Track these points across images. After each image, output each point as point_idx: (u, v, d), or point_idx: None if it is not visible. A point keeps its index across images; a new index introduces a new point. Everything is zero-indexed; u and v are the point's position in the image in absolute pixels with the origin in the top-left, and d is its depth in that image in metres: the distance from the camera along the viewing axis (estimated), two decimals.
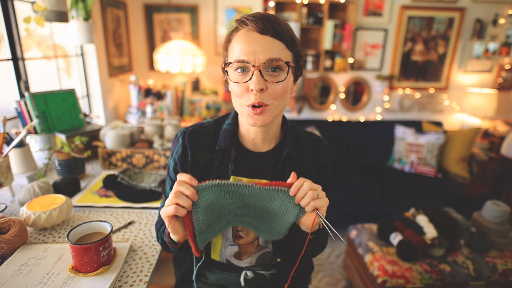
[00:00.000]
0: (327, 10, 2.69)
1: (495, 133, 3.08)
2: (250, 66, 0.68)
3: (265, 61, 0.67)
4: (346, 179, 2.67)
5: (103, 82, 2.24)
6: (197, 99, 2.78)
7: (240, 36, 0.69)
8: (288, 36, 0.69)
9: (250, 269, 0.88)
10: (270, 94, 0.70)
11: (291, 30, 0.72)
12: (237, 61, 0.69)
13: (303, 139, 0.86)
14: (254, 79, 0.67)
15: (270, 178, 0.80)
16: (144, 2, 2.73)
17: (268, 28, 0.67)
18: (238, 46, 0.69)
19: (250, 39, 0.68)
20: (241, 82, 0.70)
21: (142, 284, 0.79)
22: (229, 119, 0.85)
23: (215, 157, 0.81)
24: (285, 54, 0.69)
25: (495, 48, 3.04)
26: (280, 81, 0.70)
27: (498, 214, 1.75)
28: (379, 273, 1.63)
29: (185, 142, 0.82)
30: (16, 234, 0.87)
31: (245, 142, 0.82)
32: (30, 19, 1.44)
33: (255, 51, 0.67)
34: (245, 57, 0.67)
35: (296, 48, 0.72)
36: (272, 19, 0.68)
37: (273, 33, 0.67)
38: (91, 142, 1.58)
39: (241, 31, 0.70)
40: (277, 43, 0.68)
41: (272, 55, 0.67)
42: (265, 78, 0.68)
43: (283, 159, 0.80)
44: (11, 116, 1.56)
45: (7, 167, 1.10)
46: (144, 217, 1.11)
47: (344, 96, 3.12)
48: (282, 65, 0.69)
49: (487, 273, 1.66)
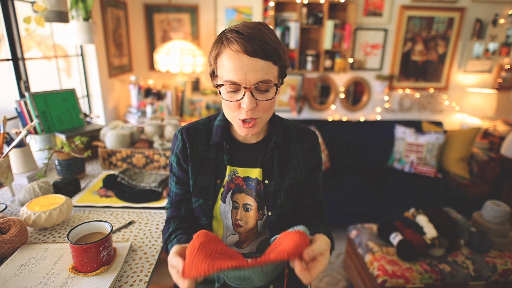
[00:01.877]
0: (327, 10, 2.69)
1: (495, 133, 3.08)
2: (242, 87, 0.72)
3: (255, 82, 0.71)
4: (346, 179, 2.67)
5: (103, 82, 2.24)
6: (197, 99, 2.78)
7: (230, 57, 0.71)
8: (275, 54, 0.72)
9: (252, 256, 0.89)
10: (260, 109, 0.75)
11: (276, 42, 0.74)
12: (229, 82, 0.72)
13: (289, 129, 0.92)
14: (246, 100, 0.72)
15: (261, 166, 0.86)
16: (144, 2, 2.73)
17: (256, 50, 0.69)
18: (229, 67, 0.71)
19: (240, 62, 0.70)
20: (233, 101, 0.75)
21: (142, 284, 0.79)
22: (220, 116, 0.90)
23: (211, 150, 0.88)
24: (272, 72, 0.73)
25: (495, 48, 3.04)
26: (269, 99, 0.75)
27: (498, 214, 1.75)
28: (379, 273, 1.63)
29: (183, 137, 0.88)
30: (16, 234, 0.87)
31: (236, 134, 0.88)
32: (30, 19, 1.44)
33: (246, 73, 0.70)
34: (236, 79, 0.71)
35: (282, 62, 0.76)
36: (259, 38, 0.70)
37: (262, 54, 0.70)
38: (91, 142, 1.58)
39: (229, 50, 0.71)
40: (265, 64, 0.71)
41: (262, 77, 0.71)
42: (256, 97, 0.73)
43: (271, 148, 0.87)
44: (11, 116, 1.56)
45: (7, 167, 1.10)
46: (144, 217, 1.11)
47: (344, 96, 3.12)
48: (271, 85, 0.74)
49: (487, 273, 1.66)
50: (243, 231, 0.89)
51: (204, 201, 0.86)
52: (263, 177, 0.86)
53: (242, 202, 0.87)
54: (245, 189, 0.87)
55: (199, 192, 0.87)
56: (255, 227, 0.88)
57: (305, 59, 2.86)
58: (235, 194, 0.87)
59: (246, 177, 0.87)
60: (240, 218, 0.87)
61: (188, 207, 0.90)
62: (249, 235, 0.90)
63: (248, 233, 0.89)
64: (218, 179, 0.87)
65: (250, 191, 0.86)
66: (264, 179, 0.86)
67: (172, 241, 0.80)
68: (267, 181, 0.86)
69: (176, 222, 0.87)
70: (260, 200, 0.86)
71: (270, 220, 0.86)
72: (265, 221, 0.87)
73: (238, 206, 0.87)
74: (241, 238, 0.90)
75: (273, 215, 0.86)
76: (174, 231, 0.84)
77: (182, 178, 0.89)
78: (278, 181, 0.87)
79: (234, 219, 0.87)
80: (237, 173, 0.87)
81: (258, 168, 0.87)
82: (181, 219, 0.90)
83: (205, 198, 0.86)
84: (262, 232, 0.90)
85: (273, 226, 0.87)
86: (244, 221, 0.87)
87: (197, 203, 0.87)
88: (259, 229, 0.89)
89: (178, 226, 0.86)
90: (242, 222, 0.87)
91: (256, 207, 0.86)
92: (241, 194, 0.87)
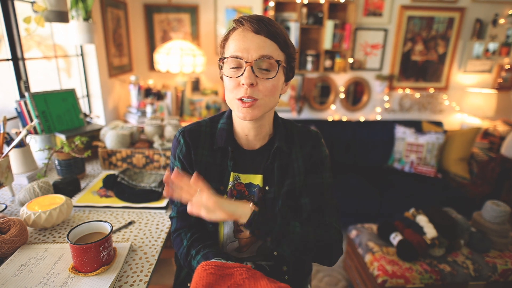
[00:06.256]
0: (327, 10, 2.69)
1: (495, 133, 3.08)
2: (243, 62, 0.72)
3: (257, 58, 0.71)
4: (346, 179, 2.67)
5: (103, 82, 2.24)
6: (197, 99, 2.78)
7: (236, 35, 0.74)
8: (281, 38, 0.73)
9: (251, 260, 0.89)
10: (261, 90, 0.74)
11: (285, 33, 0.76)
12: (231, 56, 0.73)
13: (293, 133, 0.89)
14: (245, 74, 0.71)
15: (263, 172, 0.84)
16: (144, 2, 2.73)
17: (262, 28, 0.71)
18: (234, 44, 0.73)
19: (245, 37, 0.72)
20: (233, 77, 0.74)
21: (142, 284, 0.79)
22: (223, 118, 0.88)
23: (216, 155, 0.85)
24: (277, 53, 0.74)
25: (495, 48, 3.04)
26: (270, 78, 0.73)
27: (498, 214, 1.75)
28: (379, 273, 1.63)
29: (187, 141, 0.85)
30: (16, 234, 0.87)
31: (239, 140, 0.86)
32: (30, 19, 1.44)
33: (249, 48, 0.71)
34: (239, 53, 0.72)
35: (288, 50, 0.76)
36: (267, 21, 0.72)
37: (267, 33, 0.71)
38: (91, 142, 1.58)
39: (237, 30, 0.74)
40: (269, 43, 0.72)
41: (264, 52, 0.72)
42: (256, 74, 0.73)
43: (273, 153, 0.84)
44: (11, 116, 1.56)
45: (7, 167, 1.10)
46: (144, 217, 1.11)
47: (344, 96, 3.12)
48: (273, 63, 0.73)
49: (487, 273, 1.66)
50: (243, 237, 0.87)
51: None
52: (264, 183, 0.84)
53: None
54: (247, 196, 0.85)
55: None
56: None
57: (305, 59, 2.86)
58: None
59: (248, 184, 0.85)
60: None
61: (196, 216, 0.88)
62: (249, 241, 0.88)
63: (248, 240, 0.88)
64: (222, 185, 0.84)
65: (253, 198, 0.85)
66: (264, 185, 0.84)
67: (196, 259, 0.78)
68: (268, 187, 0.84)
69: (188, 233, 0.85)
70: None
71: None
72: None
73: None
74: (241, 244, 0.88)
75: None
76: (191, 245, 0.82)
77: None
78: (277, 188, 0.84)
79: (236, 224, 0.85)
80: (239, 179, 0.85)
81: (260, 174, 0.84)
82: (191, 227, 0.87)
83: None
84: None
85: None
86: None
87: None
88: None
89: (193, 238, 0.83)
90: (243, 227, 0.85)
91: None
92: (243, 200, 0.84)
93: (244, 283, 0.64)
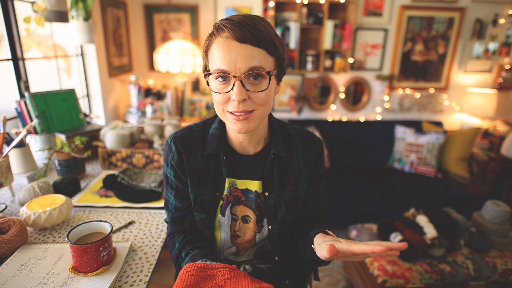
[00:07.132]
0: (327, 10, 2.69)
1: (495, 133, 3.08)
2: (231, 76, 0.66)
3: (245, 71, 0.65)
4: (346, 179, 2.67)
5: (103, 82, 2.24)
6: (197, 99, 2.78)
7: (219, 44, 0.66)
8: (268, 42, 0.66)
9: (249, 263, 0.89)
10: (255, 101, 0.69)
11: (272, 33, 0.68)
12: (217, 71, 0.67)
13: (292, 136, 0.85)
14: (235, 90, 0.65)
15: (260, 178, 0.81)
16: (144, 2, 2.73)
17: (247, 35, 0.64)
18: (218, 55, 0.66)
19: (229, 48, 0.65)
20: (222, 92, 0.68)
21: (142, 284, 0.79)
22: (215, 123, 0.83)
23: (210, 161, 0.82)
24: (266, 61, 0.67)
25: (495, 48, 3.04)
26: (262, 90, 0.68)
27: (498, 214, 1.75)
28: (379, 273, 1.63)
29: (178, 148, 0.81)
30: (16, 234, 0.87)
31: (233, 144, 0.82)
32: (30, 19, 1.44)
33: (235, 61, 0.64)
34: (225, 67, 0.65)
35: (277, 52, 0.69)
36: (251, 24, 0.65)
37: (253, 40, 0.64)
38: (91, 142, 1.58)
39: (219, 38, 0.67)
40: (257, 51, 0.65)
41: (253, 63, 0.65)
42: (247, 87, 0.67)
43: (270, 159, 0.81)
44: (11, 116, 1.56)
45: (7, 167, 1.10)
46: (144, 217, 1.11)
47: (344, 96, 3.12)
48: (264, 73, 0.67)
49: (487, 273, 1.66)
50: (240, 242, 0.86)
51: (206, 215, 0.83)
52: (263, 189, 0.82)
53: (241, 214, 0.84)
54: (243, 201, 0.83)
55: (201, 206, 0.83)
56: (253, 238, 0.86)
57: (305, 59, 2.86)
58: (234, 206, 0.83)
59: (245, 189, 0.83)
60: (238, 229, 0.84)
61: (191, 221, 0.87)
62: (247, 245, 0.87)
63: (246, 244, 0.87)
64: (217, 191, 0.82)
65: (250, 204, 0.83)
66: (264, 191, 0.82)
67: (185, 260, 0.78)
68: (268, 193, 0.82)
69: (181, 236, 0.84)
70: (260, 213, 0.83)
71: (271, 234, 0.83)
72: (263, 234, 0.85)
73: (237, 218, 0.84)
74: (239, 248, 0.88)
75: (274, 229, 0.82)
76: (182, 247, 0.81)
77: (182, 191, 0.84)
78: (279, 194, 0.82)
79: (233, 230, 0.85)
80: (235, 185, 0.83)
81: (258, 180, 0.81)
82: (185, 231, 0.86)
83: (207, 212, 0.83)
84: (261, 243, 0.87)
85: (273, 239, 0.84)
86: (242, 232, 0.85)
87: (199, 217, 0.84)
88: (257, 242, 0.86)
89: (184, 240, 0.83)
90: (240, 233, 0.85)
91: (255, 220, 0.83)
92: (240, 206, 0.83)
93: (225, 284, 0.64)
